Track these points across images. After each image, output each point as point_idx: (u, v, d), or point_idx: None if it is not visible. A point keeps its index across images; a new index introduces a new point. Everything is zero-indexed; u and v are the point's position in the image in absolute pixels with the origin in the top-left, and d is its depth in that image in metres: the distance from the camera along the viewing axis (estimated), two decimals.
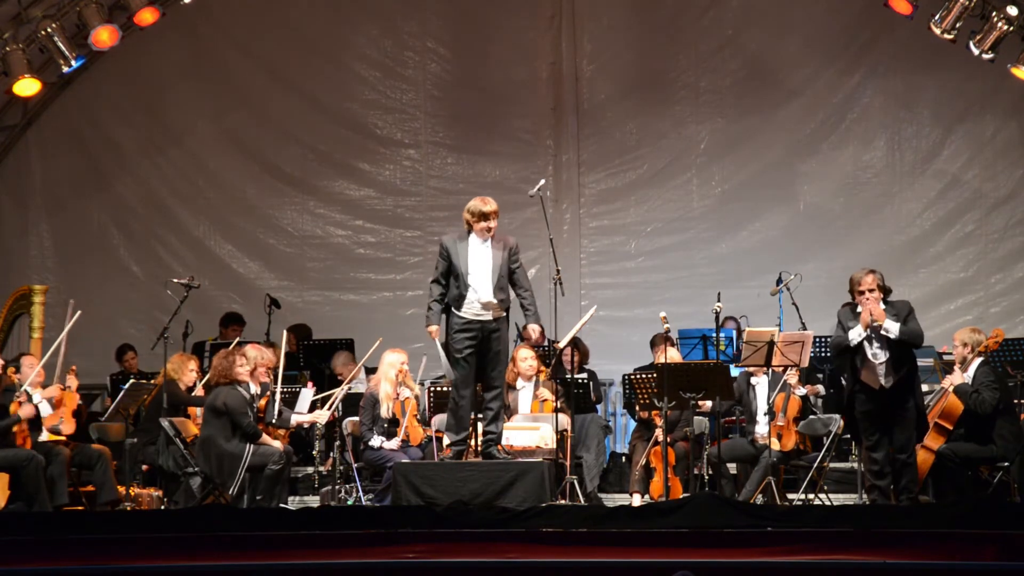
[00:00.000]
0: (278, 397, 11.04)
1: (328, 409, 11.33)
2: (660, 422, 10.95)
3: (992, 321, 13.14)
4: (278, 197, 15.27)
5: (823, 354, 12.69)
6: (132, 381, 11.57)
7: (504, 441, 10.52)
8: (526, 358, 11.46)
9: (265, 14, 15.14)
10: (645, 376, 11.04)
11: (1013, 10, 12.50)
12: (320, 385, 12.13)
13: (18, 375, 11.08)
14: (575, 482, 10.83)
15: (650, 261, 15.04)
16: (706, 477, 11.29)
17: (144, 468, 11.66)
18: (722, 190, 14.99)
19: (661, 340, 12.53)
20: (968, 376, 10.46)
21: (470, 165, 15.24)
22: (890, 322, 9.69)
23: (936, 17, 12.81)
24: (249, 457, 10.53)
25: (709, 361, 11.80)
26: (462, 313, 10.10)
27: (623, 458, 12.41)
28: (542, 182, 11.43)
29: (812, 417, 11.32)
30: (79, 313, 11.51)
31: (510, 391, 11.48)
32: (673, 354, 11.64)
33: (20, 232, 15.13)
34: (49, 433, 10.98)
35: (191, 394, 11.67)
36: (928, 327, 14.13)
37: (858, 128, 14.86)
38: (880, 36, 14.66)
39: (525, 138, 15.17)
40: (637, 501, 11.14)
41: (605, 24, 15.02)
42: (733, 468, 11.55)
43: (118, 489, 10.98)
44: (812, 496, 11.02)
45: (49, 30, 12.90)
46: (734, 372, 11.64)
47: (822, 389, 12.11)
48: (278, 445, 10.85)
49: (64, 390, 11.13)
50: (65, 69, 13.29)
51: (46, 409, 10.96)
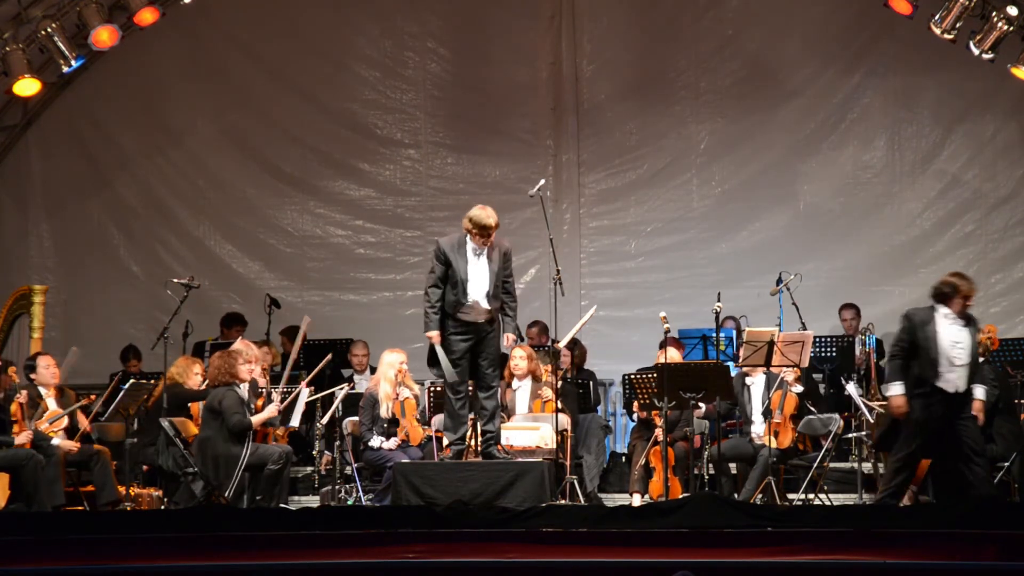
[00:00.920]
0: (276, 397, 11.05)
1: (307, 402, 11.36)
2: (660, 422, 10.95)
3: (992, 321, 13.12)
4: (278, 197, 15.27)
5: (823, 354, 12.70)
6: (132, 381, 11.56)
7: (504, 441, 10.52)
8: (517, 357, 11.46)
9: (265, 14, 15.14)
10: (645, 376, 11.05)
11: (1013, 10, 12.49)
12: (319, 385, 12.12)
13: (34, 375, 11.11)
14: (575, 482, 10.85)
15: (650, 261, 15.03)
16: (706, 477, 11.30)
17: (144, 468, 11.66)
18: (722, 190, 14.99)
19: (672, 343, 12.56)
20: None
21: (470, 165, 15.24)
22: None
23: (936, 17, 12.81)
24: (247, 457, 10.52)
25: (709, 361, 11.80)
26: (458, 316, 10.13)
27: (623, 458, 12.42)
28: (542, 182, 11.43)
29: (811, 417, 11.32)
30: (76, 357, 11.62)
31: (507, 391, 11.49)
32: (673, 354, 11.65)
33: (20, 232, 15.13)
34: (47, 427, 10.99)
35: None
36: None
37: (858, 128, 14.85)
38: (880, 36, 14.65)
39: (525, 138, 15.16)
40: (637, 501, 11.14)
41: (605, 24, 15.02)
42: (733, 468, 11.55)
43: (118, 489, 10.98)
44: (812, 496, 11.03)
45: (49, 30, 12.90)
46: (735, 372, 11.65)
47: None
48: (281, 446, 10.87)
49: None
50: (65, 69, 13.29)
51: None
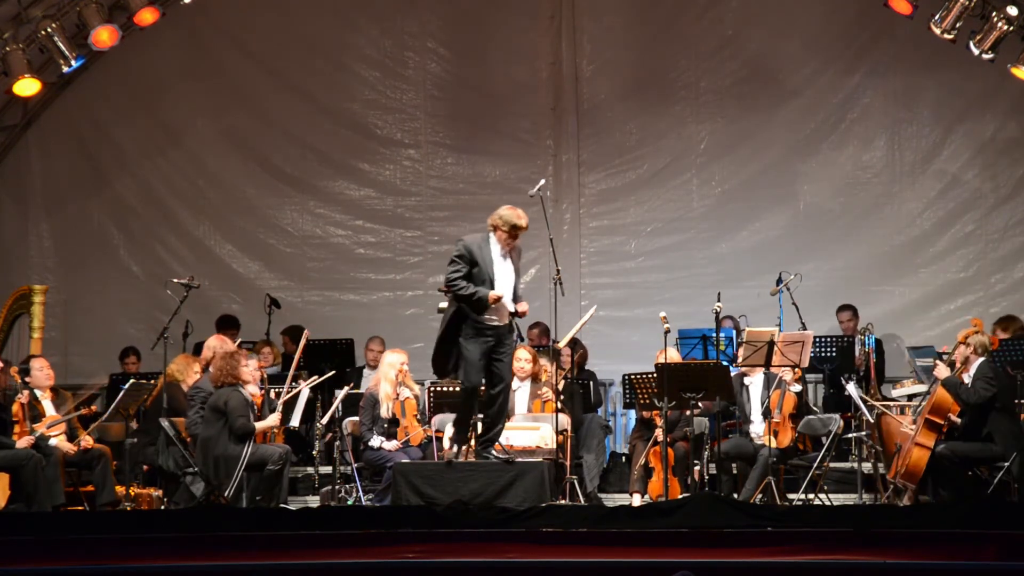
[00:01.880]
0: (278, 405, 11.07)
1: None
2: (660, 422, 10.95)
3: (992, 321, 13.13)
4: (278, 197, 15.26)
5: (823, 354, 12.70)
6: (132, 381, 11.56)
7: (504, 441, 10.52)
8: (522, 359, 11.46)
9: (265, 14, 15.13)
10: (645, 376, 11.05)
11: (1013, 10, 12.49)
12: (319, 386, 12.12)
13: (29, 378, 11.10)
14: (575, 482, 10.85)
15: (650, 261, 15.03)
16: (706, 477, 11.30)
17: (144, 468, 11.66)
18: (722, 190, 14.99)
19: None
20: (970, 374, 10.45)
21: (470, 165, 15.23)
22: None
23: (936, 17, 12.80)
24: (248, 457, 10.53)
25: (709, 361, 11.80)
26: (482, 319, 9.91)
27: (623, 458, 12.41)
28: (542, 182, 11.43)
29: (811, 417, 11.33)
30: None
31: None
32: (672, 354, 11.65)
33: (20, 232, 15.12)
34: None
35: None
36: (928, 327, 14.28)
37: (858, 128, 14.85)
38: (880, 36, 14.65)
39: (525, 138, 15.16)
40: (637, 501, 11.14)
41: (605, 24, 15.01)
42: (733, 468, 11.55)
43: (118, 489, 10.98)
44: (812, 496, 11.03)
45: (49, 30, 12.90)
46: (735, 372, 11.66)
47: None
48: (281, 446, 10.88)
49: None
50: (65, 69, 13.29)
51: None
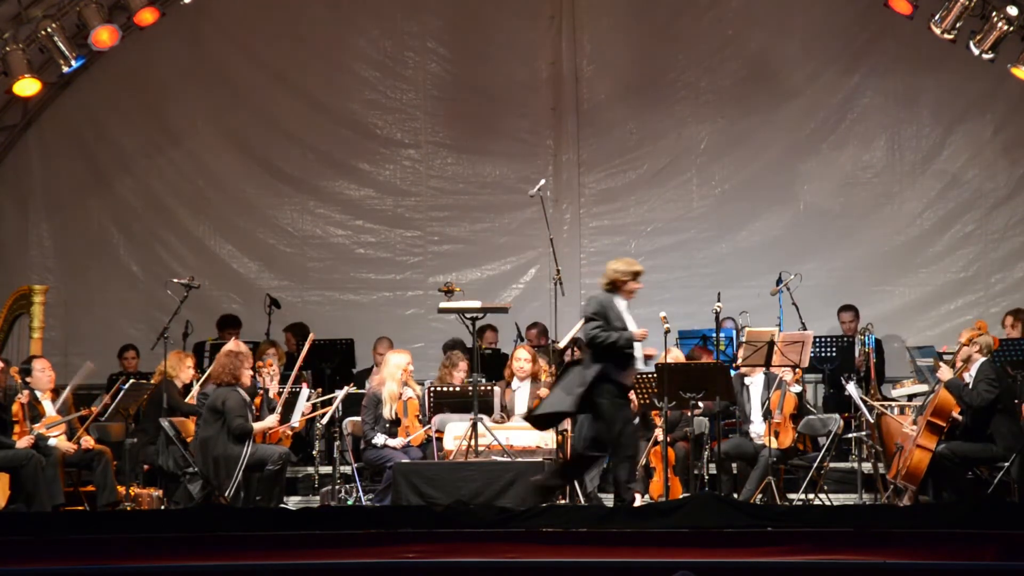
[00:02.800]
0: (275, 397, 11.07)
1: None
2: (660, 422, 10.95)
3: (992, 321, 13.13)
4: (278, 197, 15.26)
5: (823, 354, 12.70)
6: (132, 381, 11.56)
7: (504, 441, 10.52)
8: (522, 359, 11.46)
9: (265, 14, 15.14)
10: (645, 376, 11.04)
11: (1013, 10, 12.49)
12: (320, 386, 12.13)
13: (30, 378, 11.10)
14: (575, 482, 10.83)
15: (650, 261, 14.94)
16: (706, 477, 11.30)
17: (144, 468, 11.65)
18: (722, 190, 14.99)
19: (701, 352, 12.53)
20: (971, 374, 10.45)
21: (470, 165, 15.24)
22: None
23: (936, 17, 12.81)
24: (247, 457, 10.53)
25: (709, 361, 11.79)
26: (623, 377, 9.67)
27: None
28: (542, 182, 11.45)
29: (811, 417, 11.32)
30: (88, 371, 11.61)
31: (507, 391, 11.49)
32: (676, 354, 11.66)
33: (20, 232, 15.11)
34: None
35: (188, 391, 11.69)
36: (928, 327, 14.28)
37: (858, 128, 14.85)
38: (880, 36, 14.65)
39: (525, 138, 15.16)
40: (637, 501, 11.14)
41: (605, 24, 15.02)
42: (733, 468, 11.54)
43: (118, 489, 10.97)
44: (812, 496, 11.03)
45: (49, 30, 12.90)
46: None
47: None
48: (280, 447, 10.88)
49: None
50: (65, 69, 13.28)
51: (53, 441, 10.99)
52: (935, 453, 10.28)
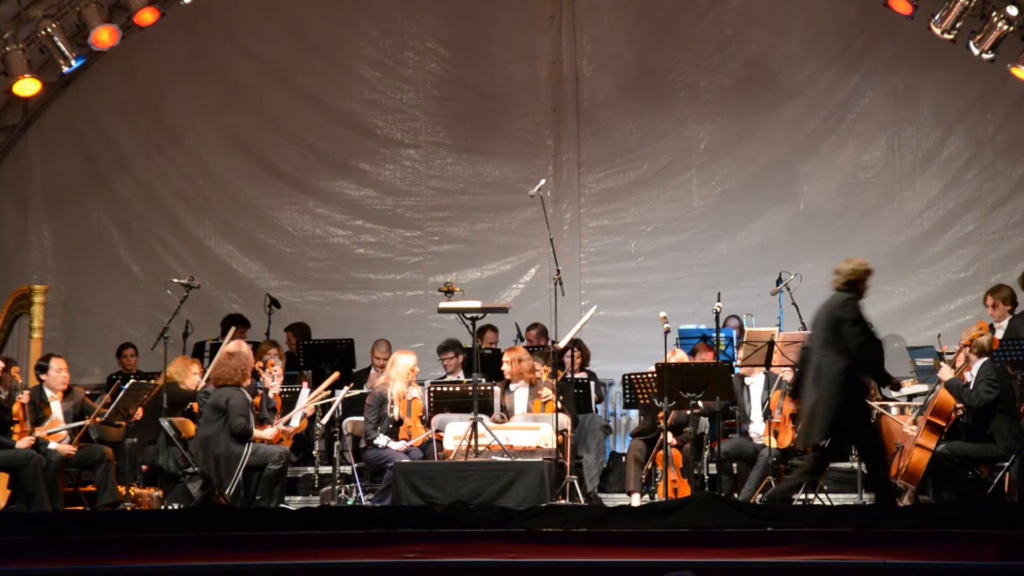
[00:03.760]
0: (278, 422, 11.08)
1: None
2: (662, 423, 10.94)
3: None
4: (278, 197, 15.26)
5: None
6: (132, 381, 11.56)
7: (504, 441, 10.52)
8: (519, 360, 11.46)
9: (265, 14, 15.14)
10: (645, 376, 11.04)
11: (1013, 10, 12.50)
12: (320, 385, 12.12)
13: (44, 376, 11.11)
14: (575, 482, 10.85)
15: (650, 261, 15.04)
16: (706, 477, 11.30)
17: (144, 468, 11.65)
18: (722, 190, 14.99)
19: (703, 349, 12.48)
20: (972, 374, 10.45)
21: (470, 165, 15.24)
22: None
23: (936, 17, 12.81)
24: (248, 457, 10.53)
25: (709, 361, 11.79)
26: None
27: (623, 458, 12.41)
28: (542, 182, 11.44)
29: None
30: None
31: (506, 392, 11.49)
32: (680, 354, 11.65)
33: (20, 232, 15.12)
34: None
35: (195, 397, 11.67)
36: (928, 327, 14.27)
37: (858, 128, 14.85)
38: (880, 36, 14.66)
39: (525, 138, 15.16)
40: (637, 501, 11.14)
41: (605, 24, 15.02)
42: (733, 468, 11.54)
43: (118, 490, 10.97)
44: (812, 496, 11.02)
45: (49, 30, 12.90)
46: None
47: None
48: (280, 446, 10.88)
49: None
50: (65, 69, 13.29)
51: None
52: (935, 453, 10.28)
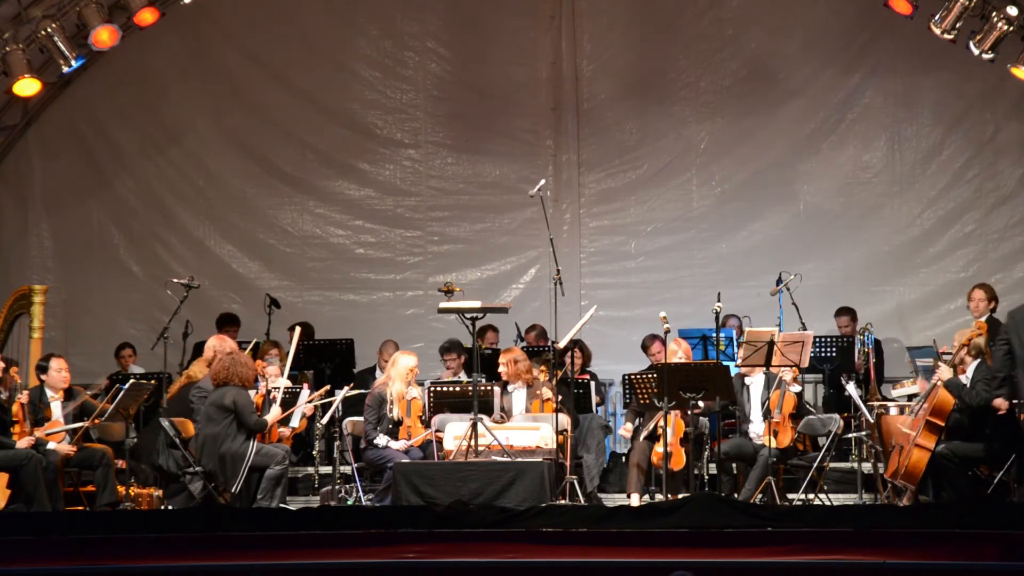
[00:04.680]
0: (276, 397, 11.07)
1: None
2: (661, 422, 10.94)
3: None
4: (278, 197, 15.26)
5: (823, 354, 12.69)
6: (132, 381, 11.56)
7: (504, 441, 10.52)
8: (515, 360, 11.46)
9: (265, 14, 15.13)
10: (645, 376, 11.04)
11: (1013, 10, 12.49)
12: (320, 385, 12.12)
13: (45, 375, 11.11)
14: (575, 482, 10.84)
15: (650, 261, 15.04)
16: (706, 477, 11.30)
17: (144, 468, 11.66)
18: (722, 190, 14.99)
19: (652, 341, 12.56)
20: (967, 376, 10.44)
21: (470, 165, 15.24)
22: None
23: (936, 17, 12.80)
24: (252, 457, 10.53)
25: (709, 361, 11.79)
26: None
27: (623, 458, 12.41)
28: (542, 182, 11.44)
29: (811, 417, 11.32)
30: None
31: (504, 393, 11.48)
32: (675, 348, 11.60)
33: (20, 232, 15.12)
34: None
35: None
36: (928, 327, 14.27)
37: (858, 128, 14.86)
38: (880, 36, 14.66)
39: (525, 138, 15.16)
40: (636, 501, 11.14)
41: (605, 24, 15.02)
42: (733, 468, 11.54)
43: (118, 489, 10.97)
44: (812, 496, 11.03)
45: (49, 30, 12.89)
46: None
47: None
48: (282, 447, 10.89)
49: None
50: (65, 69, 13.28)
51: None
52: (935, 453, 10.26)
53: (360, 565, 8.58)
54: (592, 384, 12.31)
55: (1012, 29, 12.59)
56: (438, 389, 11.38)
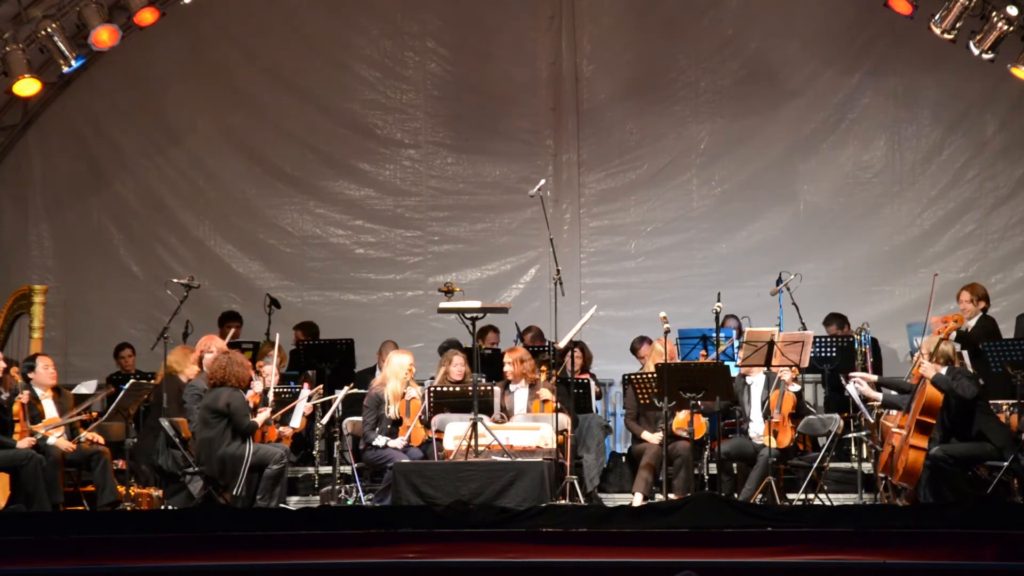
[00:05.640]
0: (270, 397, 11.07)
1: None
2: (663, 424, 10.94)
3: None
4: (278, 197, 15.27)
5: (823, 354, 12.69)
6: (132, 381, 11.56)
7: (504, 441, 10.52)
8: (521, 360, 11.46)
9: (266, 14, 15.14)
10: (645, 376, 11.04)
11: (1013, 10, 12.49)
12: (320, 385, 12.12)
13: (33, 374, 11.11)
14: (575, 482, 10.84)
15: (650, 261, 15.04)
16: (706, 477, 11.30)
17: (144, 468, 11.65)
18: (722, 190, 15.00)
19: (640, 343, 12.57)
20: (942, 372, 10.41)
21: (470, 165, 15.24)
22: None
23: (936, 17, 12.80)
24: (251, 457, 10.52)
25: (709, 361, 11.79)
26: None
27: (623, 458, 12.41)
28: (542, 182, 11.44)
29: (811, 417, 11.32)
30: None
31: (505, 392, 11.48)
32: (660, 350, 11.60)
33: (20, 232, 15.12)
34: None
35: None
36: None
37: (858, 128, 14.86)
38: (880, 36, 14.66)
39: (525, 138, 15.17)
40: (637, 501, 11.14)
41: (605, 24, 15.02)
42: (733, 468, 11.54)
43: (118, 489, 10.97)
44: (812, 496, 11.03)
45: (49, 30, 12.89)
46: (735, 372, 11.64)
47: None
48: (280, 446, 10.88)
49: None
50: (65, 69, 13.28)
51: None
52: (931, 457, 10.23)
53: (360, 565, 8.59)
54: (591, 384, 12.31)
55: (1012, 29, 12.59)
56: (438, 389, 11.36)
